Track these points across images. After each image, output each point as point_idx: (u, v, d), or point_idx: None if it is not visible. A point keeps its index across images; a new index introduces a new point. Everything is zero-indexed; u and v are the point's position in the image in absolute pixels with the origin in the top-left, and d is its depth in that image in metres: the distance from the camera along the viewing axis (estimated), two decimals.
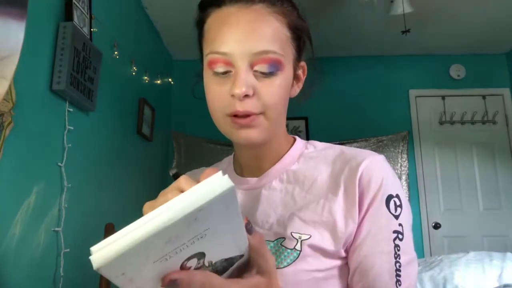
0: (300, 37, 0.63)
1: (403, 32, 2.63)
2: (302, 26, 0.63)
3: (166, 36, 3.28)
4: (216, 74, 0.58)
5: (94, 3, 1.91)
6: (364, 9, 2.85)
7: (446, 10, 2.94)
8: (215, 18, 0.59)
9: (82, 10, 1.79)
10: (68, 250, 1.62)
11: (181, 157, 3.51)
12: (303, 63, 0.66)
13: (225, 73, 0.57)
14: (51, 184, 1.58)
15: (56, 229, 1.59)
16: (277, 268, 0.57)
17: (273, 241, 0.60)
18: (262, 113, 0.57)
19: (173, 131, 3.56)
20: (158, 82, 3.06)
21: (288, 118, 0.66)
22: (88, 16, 1.85)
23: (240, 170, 0.70)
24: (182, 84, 3.47)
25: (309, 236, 0.58)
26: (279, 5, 0.59)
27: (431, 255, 3.09)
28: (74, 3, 1.70)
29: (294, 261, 0.57)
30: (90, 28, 1.86)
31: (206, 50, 0.59)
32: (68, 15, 1.67)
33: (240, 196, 0.67)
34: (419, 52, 3.65)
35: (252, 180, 0.67)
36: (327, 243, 0.58)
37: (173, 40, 3.33)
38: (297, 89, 0.67)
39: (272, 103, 0.57)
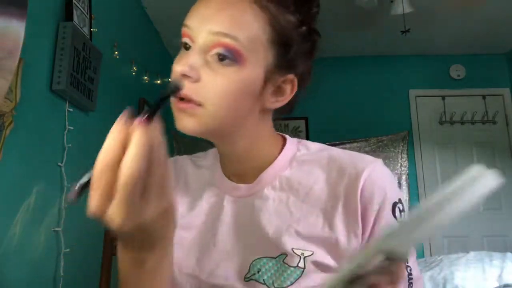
0: (288, 45, 0.55)
1: (403, 32, 2.63)
2: (287, 34, 0.55)
3: (166, 36, 3.28)
4: (182, 49, 0.55)
5: (94, 3, 1.90)
6: (364, 9, 2.85)
7: (446, 10, 2.94)
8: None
9: (82, 10, 1.79)
10: (68, 250, 1.62)
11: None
12: (291, 76, 0.57)
13: (188, 48, 0.54)
14: (51, 184, 1.58)
15: (56, 229, 1.59)
16: (280, 287, 0.55)
17: (275, 258, 0.56)
18: (201, 104, 0.52)
19: (173, 132, 3.55)
20: (158, 82, 3.06)
21: (288, 118, 0.64)
22: (88, 16, 1.85)
23: (227, 172, 0.64)
24: None
25: (311, 252, 0.55)
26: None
27: (431, 255, 3.09)
28: (74, 3, 1.70)
29: (297, 279, 0.54)
30: (90, 28, 1.86)
31: None
32: (68, 15, 1.67)
33: (231, 204, 0.62)
34: (419, 52, 3.65)
35: (243, 187, 0.62)
36: (330, 259, 0.55)
37: (173, 40, 3.33)
38: (275, 103, 0.58)
39: (214, 95, 0.51)
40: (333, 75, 3.60)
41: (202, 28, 0.52)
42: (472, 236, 3.37)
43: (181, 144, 3.55)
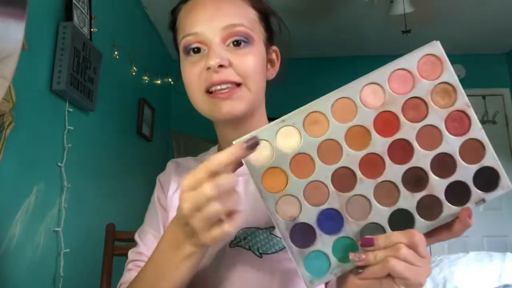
0: (267, 18, 0.67)
1: (403, 32, 2.64)
2: (267, 9, 0.67)
3: (166, 36, 3.27)
4: (189, 54, 0.61)
5: (94, 3, 1.90)
6: (364, 9, 2.85)
7: (446, 10, 2.94)
8: (183, 10, 0.64)
9: (82, 10, 1.79)
10: (68, 250, 1.62)
11: (181, 157, 3.51)
12: (275, 48, 0.69)
13: (198, 50, 0.60)
14: (51, 184, 1.58)
15: (56, 229, 1.59)
16: (265, 253, 0.61)
17: (262, 229, 0.62)
18: (241, 83, 0.60)
19: (173, 131, 3.56)
20: (158, 82, 3.06)
21: None
22: (88, 16, 1.85)
23: None
24: (182, 84, 3.47)
25: None
26: None
27: (431, 255, 3.09)
28: (74, 3, 1.70)
29: (281, 249, 0.61)
30: (90, 28, 1.86)
31: (179, 38, 0.63)
32: (68, 15, 1.67)
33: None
34: None
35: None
36: None
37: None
38: (272, 72, 0.69)
39: (249, 72, 0.60)
40: (333, 75, 3.60)
41: (211, 29, 0.59)
42: (472, 236, 3.37)
43: (181, 144, 3.55)
